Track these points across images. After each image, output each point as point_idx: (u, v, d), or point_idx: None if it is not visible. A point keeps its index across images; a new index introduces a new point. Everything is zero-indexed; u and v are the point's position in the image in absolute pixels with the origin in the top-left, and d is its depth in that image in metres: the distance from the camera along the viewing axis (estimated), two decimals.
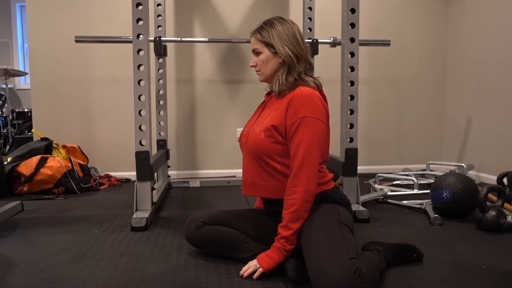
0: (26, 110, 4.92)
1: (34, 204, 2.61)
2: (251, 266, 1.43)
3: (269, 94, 1.65)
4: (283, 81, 1.52)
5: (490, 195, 2.35)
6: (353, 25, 2.26)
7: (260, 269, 1.41)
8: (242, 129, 1.67)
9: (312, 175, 1.41)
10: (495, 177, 2.59)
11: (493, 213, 1.94)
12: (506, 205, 2.16)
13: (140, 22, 2.19)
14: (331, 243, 1.30)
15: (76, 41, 2.62)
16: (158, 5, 3.08)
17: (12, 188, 2.86)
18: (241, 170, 1.65)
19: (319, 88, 1.55)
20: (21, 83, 6.15)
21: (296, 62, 1.52)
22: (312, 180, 1.41)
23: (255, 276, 1.41)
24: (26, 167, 2.87)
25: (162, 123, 3.12)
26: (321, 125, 1.44)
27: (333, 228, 1.37)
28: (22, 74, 5.25)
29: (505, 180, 2.47)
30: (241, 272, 1.44)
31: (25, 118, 4.86)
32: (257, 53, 1.57)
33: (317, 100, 1.46)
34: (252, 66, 1.59)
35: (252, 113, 1.71)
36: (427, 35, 3.74)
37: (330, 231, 1.36)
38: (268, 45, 1.53)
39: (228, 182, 3.27)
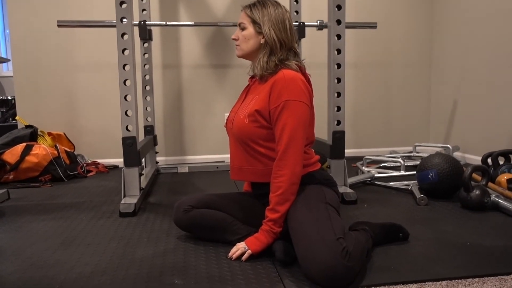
0: (9, 97, 4.82)
1: (20, 192, 2.58)
2: (240, 248, 1.44)
3: (252, 77, 1.64)
4: (264, 65, 1.51)
5: (474, 175, 2.39)
6: (339, 7, 2.25)
7: (249, 251, 1.43)
8: (228, 114, 1.68)
9: (298, 158, 1.42)
10: (480, 158, 2.63)
11: (478, 192, 1.98)
12: (490, 184, 2.20)
13: (124, 5, 2.15)
14: (317, 224, 1.31)
15: (59, 26, 2.57)
16: None
17: None
18: (229, 155, 1.66)
19: (302, 70, 1.54)
20: (3, 70, 6.01)
21: (279, 47, 1.51)
22: (297, 162, 1.42)
23: (243, 257, 1.42)
24: (11, 155, 2.83)
25: (149, 108, 3.10)
26: (304, 108, 1.44)
27: (319, 209, 1.38)
28: (3, 60, 5.08)
29: (489, 160, 2.51)
30: (230, 254, 1.45)
31: (8, 106, 4.76)
32: (242, 28, 1.56)
33: (299, 82, 1.45)
34: (234, 39, 1.59)
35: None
36: (413, 18, 3.74)
37: (316, 212, 1.37)
38: (255, 23, 1.53)
39: (217, 167, 3.27)
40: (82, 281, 1.31)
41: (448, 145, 3.23)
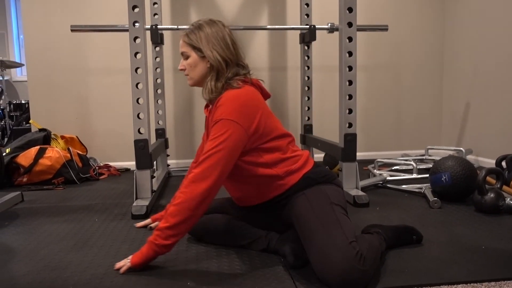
0: (23, 101, 4.90)
1: (34, 194, 2.61)
2: (125, 260, 1.40)
3: (206, 106, 1.58)
4: (212, 88, 1.45)
5: (488, 178, 2.36)
6: (350, 10, 2.24)
7: (128, 264, 1.37)
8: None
9: (209, 176, 1.33)
10: (494, 161, 2.60)
11: (492, 195, 1.95)
12: (504, 187, 2.17)
13: (136, 9, 2.17)
14: (328, 230, 1.28)
15: (72, 30, 2.60)
16: None
17: (12, 179, 2.86)
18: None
19: (248, 82, 1.48)
20: (17, 74, 6.12)
21: (226, 67, 1.46)
22: (206, 179, 1.33)
23: (121, 270, 1.37)
24: (25, 158, 2.86)
25: (160, 112, 3.11)
26: (232, 126, 1.35)
27: (326, 213, 1.34)
28: (18, 65, 5.23)
29: (503, 163, 2.48)
30: (116, 265, 1.41)
31: (22, 110, 4.84)
32: (186, 57, 1.51)
33: (237, 101, 1.38)
34: (181, 70, 1.53)
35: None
36: (423, 19, 3.71)
37: (324, 217, 1.33)
38: (196, 48, 1.47)
39: None
40: (95, 283, 1.31)
41: (461, 148, 3.19)
